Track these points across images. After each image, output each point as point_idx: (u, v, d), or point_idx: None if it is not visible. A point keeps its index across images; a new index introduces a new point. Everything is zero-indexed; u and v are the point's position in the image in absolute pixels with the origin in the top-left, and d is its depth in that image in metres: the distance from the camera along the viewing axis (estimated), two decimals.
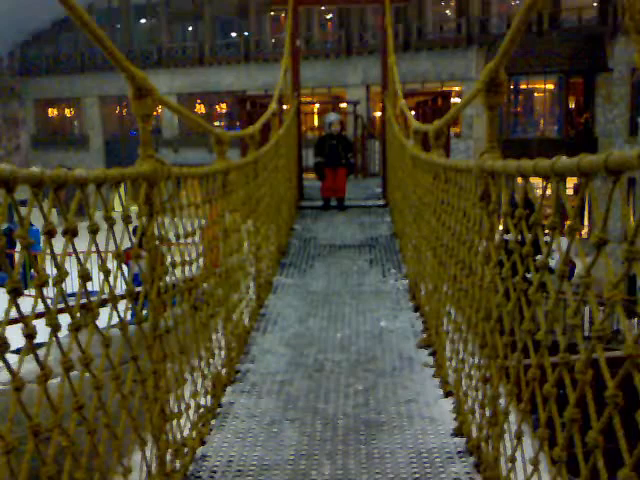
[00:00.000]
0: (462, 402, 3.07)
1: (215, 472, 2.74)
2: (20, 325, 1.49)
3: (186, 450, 2.76)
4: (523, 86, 23.52)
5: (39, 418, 1.50)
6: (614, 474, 1.39)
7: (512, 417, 2.31)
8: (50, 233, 1.63)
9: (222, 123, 27.79)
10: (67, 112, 31.34)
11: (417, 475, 2.68)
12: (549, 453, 1.79)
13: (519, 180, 2.09)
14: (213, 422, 3.22)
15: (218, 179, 3.71)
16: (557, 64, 21.95)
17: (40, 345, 1.57)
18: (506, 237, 2.33)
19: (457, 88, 22.75)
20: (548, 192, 1.84)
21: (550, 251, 1.81)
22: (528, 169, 1.87)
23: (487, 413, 2.53)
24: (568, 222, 1.64)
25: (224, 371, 3.70)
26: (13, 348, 1.51)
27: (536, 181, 2.03)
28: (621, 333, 10.17)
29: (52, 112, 31.60)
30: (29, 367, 1.62)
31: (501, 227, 2.42)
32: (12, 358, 1.47)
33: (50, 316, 1.59)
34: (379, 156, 11.61)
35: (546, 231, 1.94)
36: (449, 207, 3.30)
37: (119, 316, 2.11)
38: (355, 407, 3.39)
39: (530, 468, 1.97)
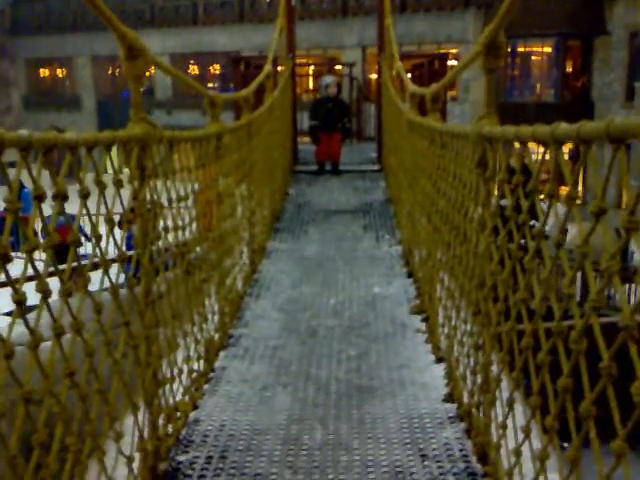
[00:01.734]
0: (454, 368, 3.09)
1: (207, 436, 2.76)
2: (10, 289, 1.47)
3: (178, 414, 2.77)
4: (520, 49, 23.23)
5: (30, 385, 1.49)
6: (605, 442, 1.40)
7: (504, 384, 2.31)
8: (40, 197, 1.60)
9: (216, 84, 27.45)
10: (59, 72, 30.88)
11: (408, 440, 2.70)
12: (540, 421, 1.80)
13: (516, 145, 2.06)
14: (206, 387, 3.23)
15: (211, 142, 3.66)
16: (555, 27, 21.65)
17: (31, 308, 1.55)
18: (502, 203, 2.30)
19: (454, 50, 22.47)
20: (545, 157, 1.81)
21: (547, 219, 1.79)
22: (527, 135, 1.84)
23: (478, 380, 2.53)
24: (564, 189, 1.62)
25: (217, 336, 3.70)
26: (4, 311, 1.49)
27: (532, 146, 2.01)
28: (615, 299, 10.24)
29: (44, 72, 31.12)
30: (20, 329, 1.60)
31: (496, 193, 2.40)
32: (4, 320, 1.46)
33: (40, 281, 1.57)
34: (374, 120, 11.49)
35: (542, 197, 1.92)
36: (445, 173, 3.27)
37: (110, 281, 2.09)
38: (347, 372, 3.41)
39: (521, 435, 1.98)
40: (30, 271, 1.54)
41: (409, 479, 2.42)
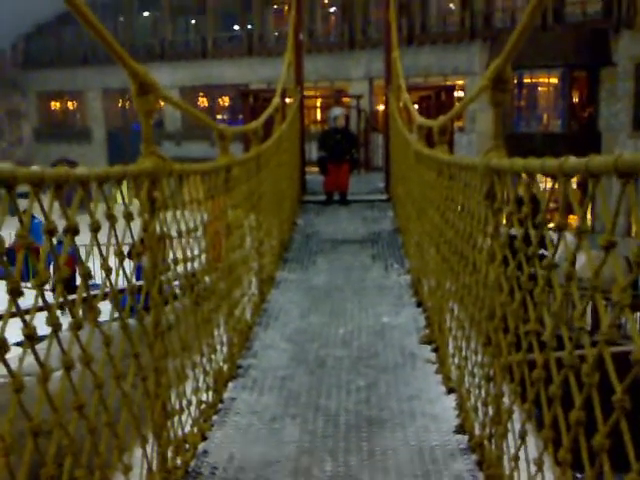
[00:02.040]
0: (465, 399, 3.06)
1: (216, 468, 2.74)
2: (20, 320, 1.48)
3: (187, 446, 2.75)
4: (527, 80, 23.40)
5: (39, 418, 1.48)
6: (619, 472, 1.38)
7: (515, 416, 2.29)
8: (51, 232, 1.62)
9: (225, 116, 27.74)
10: (70, 105, 31.29)
11: (419, 472, 2.67)
12: (553, 453, 1.78)
13: (524, 176, 2.07)
14: (215, 418, 3.21)
15: (220, 175, 3.69)
16: (561, 58, 21.83)
17: (42, 338, 1.56)
18: (512, 233, 2.31)
19: (460, 82, 22.66)
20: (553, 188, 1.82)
21: (556, 251, 1.79)
22: (535, 168, 1.85)
23: (490, 411, 2.51)
24: (572, 218, 1.62)
25: (226, 367, 3.69)
26: (15, 341, 1.50)
27: (539, 175, 2.01)
28: (627, 328, 10.15)
29: (55, 105, 31.55)
30: (30, 360, 1.60)
31: (505, 224, 2.40)
32: (15, 350, 1.46)
33: (51, 315, 1.57)
34: (382, 150, 11.56)
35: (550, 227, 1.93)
36: (453, 204, 3.28)
37: (119, 312, 2.10)
38: (357, 403, 3.38)
39: (534, 468, 1.96)
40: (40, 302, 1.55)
41: None
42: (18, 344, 1.47)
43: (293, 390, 3.57)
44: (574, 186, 1.75)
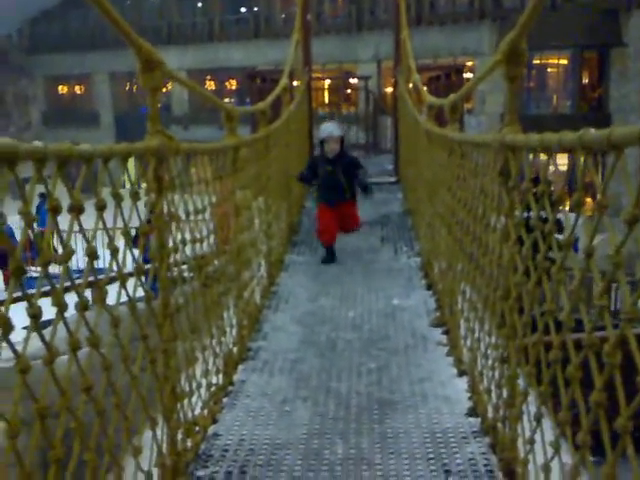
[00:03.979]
0: (477, 382, 3.02)
1: (227, 450, 2.71)
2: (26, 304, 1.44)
3: (197, 429, 2.73)
4: (536, 61, 23.14)
5: (46, 401, 1.45)
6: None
7: (529, 398, 2.25)
8: (55, 209, 1.57)
9: (232, 100, 27.61)
10: (77, 89, 31.19)
11: (431, 455, 2.64)
12: (571, 436, 1.73)
13: (542, 156, 2.01)
14: (225, 400, 3.19)
15: (228, 155, 3.64)
16: (571, 39, 21.55)
17: (48, 322, 1.52)
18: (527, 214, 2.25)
19: (470, 63, 22.43)
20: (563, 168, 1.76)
21: (574, 229, 1.74)
22: (552, 142, 1.79)
23: (504, 394, 2.47)
24: (586, 198, 1.57)
25: (236, 349, 3.66)
26: (22, 325, 1.46)
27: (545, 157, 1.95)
28: None
29: (62, 89, 31.46)
30: (36, 344, 1.57)
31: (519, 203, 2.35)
32: (21, 334, 1.43)
33: (56, 295, 1.54)
34: (391, 132, 11.47)
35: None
36: (465, 183, 3.22)
37: (128, 294, 2.06)
38: (368, 386, 3.35)
39: (550, 450, 1.92)
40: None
41: None
42: (26, 328, 1.43)
43: (303, 372, 3.54)
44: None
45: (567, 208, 1.99)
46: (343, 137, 6.18)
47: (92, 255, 1.75)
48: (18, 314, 1.47)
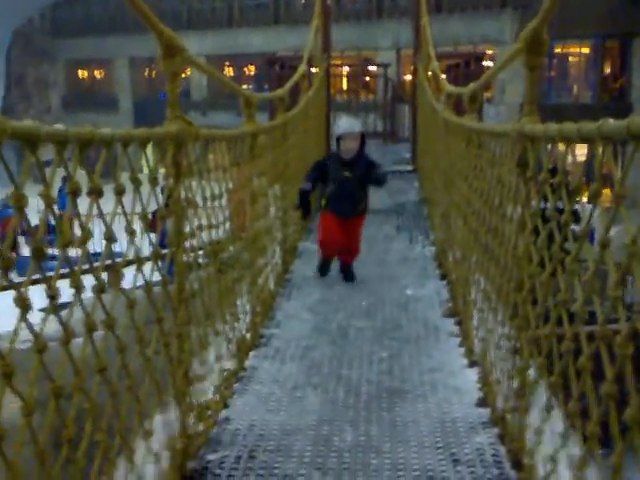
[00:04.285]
0: (488, 373, 3.02)
1: (237, 435, 2.74)
2: (45, 286, 1.46)
3: (209, 413, 2.76)
4: (558, 50, 22.88)
5: (61, 380, 1.48)
6: None
7: (540, 390, 2.25)
8: (75, 192, 1.59)
9: (250, 86, 27.58)
10: (97, 74, 31.31)
11: (440, 444, 2.65)
12: (581, 427, 1.74)
13: (560, 147, 2.00)
14: (236, 386, 3.22)
15: (246, 142, 3.65)
16: (593, 27, 21.26)
17: (64, 305, 1.55)
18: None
19: (490, 51, 22.22)
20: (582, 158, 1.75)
21: (591, 219, 1.73)
22: (571, 133, 1.78)
23: (514, 384, 2.47)
24: (604, 189, 1.56)
25: (248, 335, 3.69)
26: (39, 307, 1.48)
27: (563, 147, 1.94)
28: None
29: (82, 74, 31.58)
30: (53, 326, 1.60)
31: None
32: (39, 315, 1.45)
33: (74, 277, 1.56)
34: (409, 121, 11.42)
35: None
36: (482, 173, 3.21)
37: (144, 278, 2.08)
38: (379, 374, 3.36)
39: (557, 441, 1.92)
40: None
41: None
42: (43, 310, 1.46)
43: (315, 360, 3.56)
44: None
45: (585, 199, 1.98)
46: (364, 134, 5.03)
47: (110, 238, 1.77)
48: (35, 297, 1.49)
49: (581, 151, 1.98)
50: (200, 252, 2.89)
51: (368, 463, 2.51)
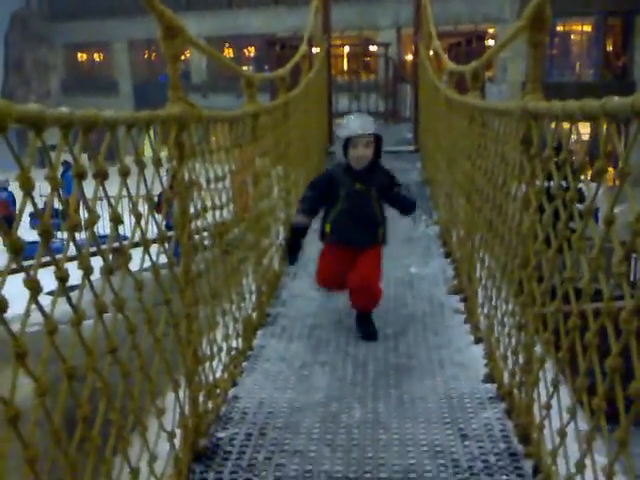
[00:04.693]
0: (493, 349, 3.05)
1: (246, 413, 2.77)
2: (53, 268, 1.48)
3: (218, 391, 2.79)
4: (560, 28, 22.71)
5: (73, 361, 1.50)
6: None
7: (546, 365, 2.27)
8: (81, 175, 1.60)
9: (250, 67, 27.43)
10: (96, 57, 31.17)
11: (448, 420, 2.68)
12: (588, 402, 1.76)
13: (564, 125, 2.00)
14: (244, 364, 3.25)
15: (248, 123, 3.65)
16: (595, 5, 21.08)
17: (73, 288, 1.56)
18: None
19: (491, 30, 22.05)
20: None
21: (595, 196, 1.73)
22: (575, 110, 1.78)
23: (520, 360, 2.49)
24: (608, 167, 1.56)
25: (255, 315, 3.71)
26: (47, 290, 1.50)
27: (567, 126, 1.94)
28: None
29: (81, 57, 31.44)
30: (63, 309, 1.61)
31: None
32: (47, 299, 1.46)
33: (82, 259, 1.57)
34: (410, 100, 11.37)
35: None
36: (486, 151, 3.21)
37: (151, 259, 2.10)
38: (385, 352, 3.39)
39: (566, 416, 1.94)
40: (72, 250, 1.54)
41: (449, 458, 2.39)
42: (50, 293, 1.47)
43: (322, 338, 3.58)
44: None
45: (589, 177, 1.98)
46: (380, 137, 3.61)
47: (116, 220, 1.78)
48: (43, 280, 1.50)
49: (585, 130, 1.97)
50: (205, 234, 2.90)
51: (377, 439, 2.53)
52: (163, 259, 2.29)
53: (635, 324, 1.46)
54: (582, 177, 1.88)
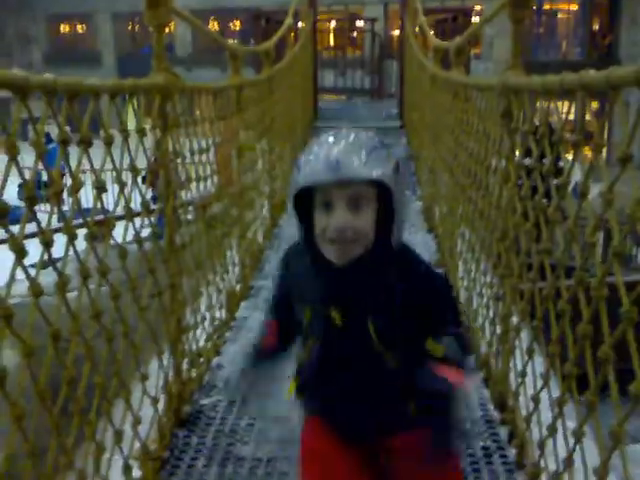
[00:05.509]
0: (471, 320, 3.10)
1: (229, 381, 2.81)
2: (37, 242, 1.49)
3: (202, 360, 2.83)
4: (546, 7, 22.66)
5: (58, 324, 1.53)
6: (623, 389, 1.41)
7: (522, 335, 2.33)
8: (65, 142, 1.62)
9: (235, 41, 27.15)
10: (79, 28, 30.68)
11: None
12: (560, 369, 1.82)
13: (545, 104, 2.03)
14: (228, 334, 3.29)
15: (232, 95, 3.65)
16: None
17: (58, 260, 1.58)
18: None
19: (478, 7, 21.95)
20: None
21: (572, 168, 1.78)
22: (554, 85, 1.81)
23: (497, 330, 2.55)
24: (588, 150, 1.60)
25: (238, 287, 3.74)
26: (32, 262, 1.51)
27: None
28: (638, 259, 10.16)
29: (64, 29, 30.93)
30: (47, 280, 1.63)
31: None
32: (32, 271, 1.48)
33: (66, 224, 1.59)
34: (396, 77, 11.35)
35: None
36: (468, 127, 3.24)
37: (135, 230, 2.12)
38: None
39: (539, 383, 2.01)
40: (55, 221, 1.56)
41: None
42: (33, 266, 1.48)
43: None
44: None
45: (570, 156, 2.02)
46: (389, 189, 1.27)
47: (100, 188, 1.80)
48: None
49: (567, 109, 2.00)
50: (189, 207, 2.92)
51: None
52: (148, 231, 2.32)
53: (604, 291, 1.51)
54: (561, 153, 1.92)
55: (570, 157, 1.84)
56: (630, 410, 1.33)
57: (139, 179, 2.16)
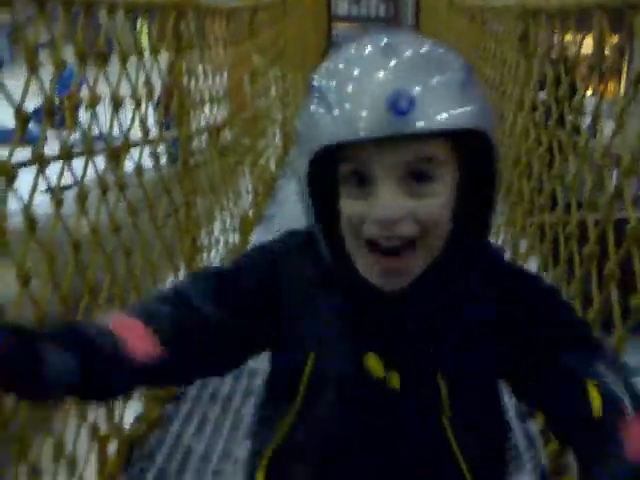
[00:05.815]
0: None
1: None
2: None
3: None
4: None
5: (78, 234, 1.57)
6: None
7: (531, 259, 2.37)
8: (82, 57, 1.62)
9: None
10: None
11: None
12: (567, 290, 1.86)
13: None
14: None
15: (246, 17, 3.60)
16: None
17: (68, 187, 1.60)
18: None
19: None
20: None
21: (586, 91, 1.78)
22: (572, 6, 1.80)
23: (507, 255, 2.59)
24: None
25: (251, 212, 3.78)
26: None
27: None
28: None
29: None
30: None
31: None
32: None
33: (87, 138, 1.62)
34: (412, 4, 11.07)
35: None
36: (484, 52, 3.20)
37: (150, 150, 2.14)
38: None
39: None
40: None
41: None
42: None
43: None
44: None
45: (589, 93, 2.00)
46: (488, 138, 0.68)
47: (117, 102, 1.81)
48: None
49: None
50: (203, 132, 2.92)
51: None
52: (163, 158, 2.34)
53: (614, 215, 1.54)
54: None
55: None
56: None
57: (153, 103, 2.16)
